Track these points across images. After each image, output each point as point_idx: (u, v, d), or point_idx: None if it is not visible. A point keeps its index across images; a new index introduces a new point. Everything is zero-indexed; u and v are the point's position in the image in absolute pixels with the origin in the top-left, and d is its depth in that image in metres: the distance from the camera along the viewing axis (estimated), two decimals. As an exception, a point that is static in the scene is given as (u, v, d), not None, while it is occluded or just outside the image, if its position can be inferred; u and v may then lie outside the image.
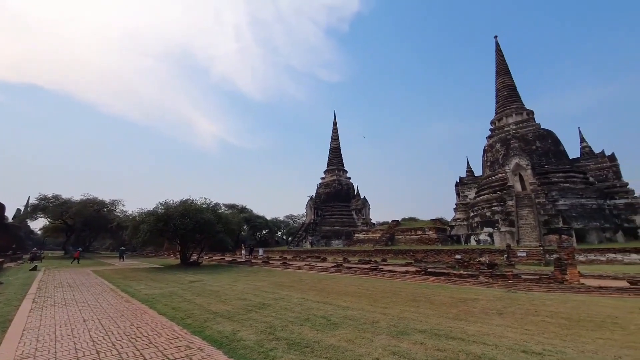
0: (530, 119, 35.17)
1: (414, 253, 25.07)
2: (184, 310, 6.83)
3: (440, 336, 4.58)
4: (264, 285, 11.06)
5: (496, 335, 4.58)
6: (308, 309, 6.67)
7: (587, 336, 4.51)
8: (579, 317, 5.65)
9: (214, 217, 21.67)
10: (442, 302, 7.30)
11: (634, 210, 25.47)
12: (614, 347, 3.97)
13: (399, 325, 5.20)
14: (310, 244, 46.56)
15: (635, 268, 13.52)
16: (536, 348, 3.98)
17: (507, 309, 6.52)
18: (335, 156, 59.83)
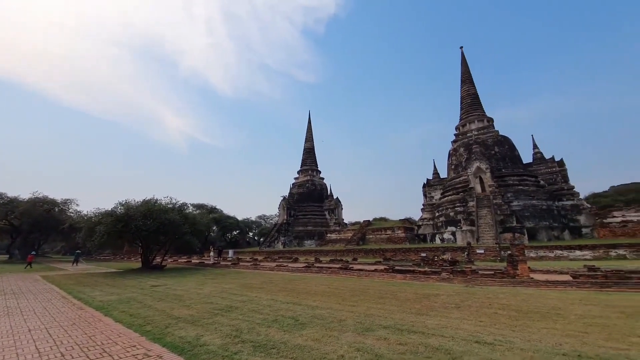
0: (490, 125, 37.79)
1: (383, 252, 25.83)
2: (144, 316, 6.46)
3: (403, 331, 4.77)
4: (233, 287, 10.79)
5: (453, 328, 4.87)
6: (277, 310, 6.62)
7: (533, 326, 4.94)
8: (527, 309, 6.17)
9: (180, 217, 20.70)
10: (406, 298, 7.60)
11: (579, 211, 28.34)
12: (555, 336, 4.38)
13: (365, 322, 5.34)
14: (283, 245, 46.20)
15: (578, 263, 15.02)
16: (488, 338, 4.29)
17: (465, 302, 6.96)
18: (309, 156, 59.91)
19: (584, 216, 27.53)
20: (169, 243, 22.59)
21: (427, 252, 23.01)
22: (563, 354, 3.63)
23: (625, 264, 13.45)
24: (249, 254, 36.98)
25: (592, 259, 17.00)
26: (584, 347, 3.84)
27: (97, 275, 17.56)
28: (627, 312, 5.54)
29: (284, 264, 19.95)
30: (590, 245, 18.28)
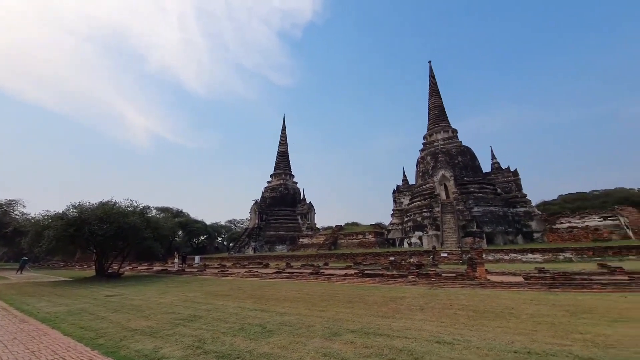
0: (454, 136, 40.18)
1: (354, 256, 26.18)
2: (96, 329, 5.95)
3: (369, 334, 4.86)
4: (197, 295, 10.31)
5: (417, 329, 5.05)
6: (244, 318, 6.43)
7: (488, 325, 5.26)
8: (483, 309, 6.57)
9: (141, 221, 19.43)
10: (374, 302, 7.76)
11: (531, 217, 30.88)
12: (508, 334, 4.69)
13: (333, 327, 5.36)
14: (253, 250, 45.14)
15: (530, 265, 16.30)
16: (448, 338, 4.50)
17: (428, 304, 7.25)
18: (282, 160, 59.47)
19: (535, 222, 30.05)
20: (127, 249, 21.13)
21: (396, 256, 23.71)
22: (514, 351, 3.90)
23: (571, 266, 14.85)
24: (217, 260, 35.61)
25: (543, 261, 18.56)
26: (533, 344, 4.16)
27: (45, 284, 15.90)
28: (571, 311, 6.09)
29: (253, 270, 19.47)
30: (540, 249, 19.97)
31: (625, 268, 11.33)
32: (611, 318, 5.30)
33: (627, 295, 7.28)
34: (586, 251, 18.48)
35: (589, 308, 6.21)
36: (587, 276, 10.01)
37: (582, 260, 17.78)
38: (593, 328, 4.74)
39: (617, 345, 3.86)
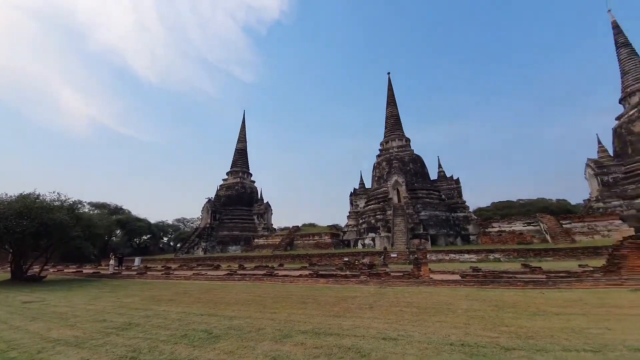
0: (407, 145, 42.88)
1: (310, 257, 26.31)
2: (8, 340, 5.09)
3: (320, 334, 4.88)
4: (135, 301, 9.39)
5: (365, 327, 5.22)
6: (188, 324, 6.00)
7: (429, 320, 5.65)
8: (426, 305, 7.05)
9: (70, 218, 17.09)
10: (327, 302, 7.85)
11: (468, 221, 34.19)
12: (445, 328, 5.09)
13: (284, 329, 5.28)
14: (204, 251, 42.76)
15: (466, 265, 18.00)
16: (393, 334, 4.73)
17: (377, 302, 7.57)
18: (240, 157, 57.42)
19: (472, 226, 33.37)
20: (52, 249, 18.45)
21: (350, 256, 24.39)
22: (450, 343, 4.24)
23: (500, 265, 16.75)
24: (160, 262, 32.95)
25: (477, 261, 20.67)
26: (467, 337, 4.56)
27: None
28: (498, 306, 6.82)
29: (202, 272, 18.41)
30: (475, 250, 22.24)
31: (544, 268, 13.14)
32: (531, 312, 6.07)
33: (544, 291, 8.43)
34: (512, 252, 21.06)
35: (513, 303, 7.03)
36: (512, 275, 11.38)
37: (509, 260, 20.21)
38: (516, 321, 5.38)
39: (535, 336, 4.42)
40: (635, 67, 35.80)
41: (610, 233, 24.77)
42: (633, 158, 32.56)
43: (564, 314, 5.71)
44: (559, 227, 26.79)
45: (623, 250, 9.19)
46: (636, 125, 32.83)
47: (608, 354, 3.55)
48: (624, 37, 38.04)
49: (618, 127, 35.49)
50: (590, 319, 5.28)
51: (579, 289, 8.53)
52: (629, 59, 36.69)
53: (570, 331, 4.57)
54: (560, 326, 4.89)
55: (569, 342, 4.06)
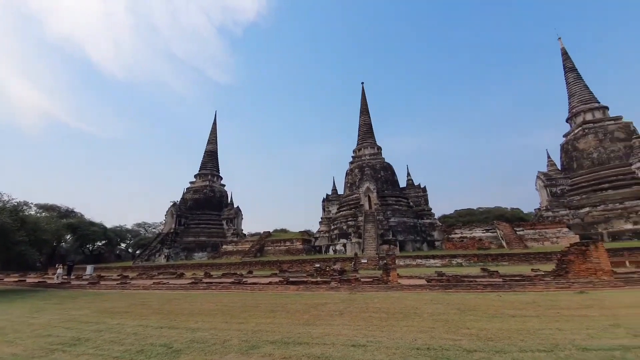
0: (379, 153, 44.18)
1: (280, 264, 25.84)
2: None
3: (289, 344, 4.74)
4: (86, 314, 8.54)
5: (335, 335, 5.17)
6: (145, 338, 5.54)
7: (397, 325, 5.74)
8: (394, 310, 7.17)
9: (13, 221, 15.30)
10: (297, 310, 7.69)
11: (434, 228, 35.76)
12: (412, 332, 5.19)
13: (251, 340, 5.06)
14: (166, 258, 40.35)
15: (432, 269, 18.73)
16: (362, 341, 4.73)
17: (347, 309, 7.56)
18: (210, 160, 55.41)
19: (437, 232, 34.95)
20: (-13, 257, 16.32)
21: (321, 262, 24.32)
22: (417, 348, 4.32)
23: (462, 270, 17.65)
24: (117, 270, 30.54)
25: (441, 266, 21.60)
26: (432, 340, 4.68)
27: None
28: (461, 309, 7.12)
29: (164, 281, 17.30)
30: (439, 255, 23.25)
31: (500, 272, 14.06)
32: (490, 314, 6.40)
33: (501, 294, 8.96)
34: (472, 257, 22.30)
35: (473, 306, 7.39)
36: (473, 279, 12.02)
37: (470, 265, 21.37)
38: (477, 323, 5.63)
39: (494, 338, 4.65)
40: (580, 90, 40.20)
41: (558, 240, 27.22)
42: (577, 172, 36.34)
43: (519, 316, 6.09)
44: (514, 234, 28.92)
45: (570, 256, 10.11)
46: (580, 143, 36.75)
47: (559, 353, 3.82)
48: (571, 63, 42.66)
49: (565, 144, 39.49)
50: (542, 320, 5.68)
51: (532, 292, 9.19)
52: (575, 82, 41.14)
53: (525, 332, 4.87)
54: (516, 327, 5.20)
55: (524, 343, 4.32)
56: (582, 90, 40.03)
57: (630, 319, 5.33)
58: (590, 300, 7.36)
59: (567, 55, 43.39)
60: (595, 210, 31.66)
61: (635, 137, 32.98)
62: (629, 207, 29.54)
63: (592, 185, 33.66)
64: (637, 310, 5.95)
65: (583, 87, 40.25)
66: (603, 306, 6.56)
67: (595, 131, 35.84)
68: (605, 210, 30.96)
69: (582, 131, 36.86)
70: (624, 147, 33.29)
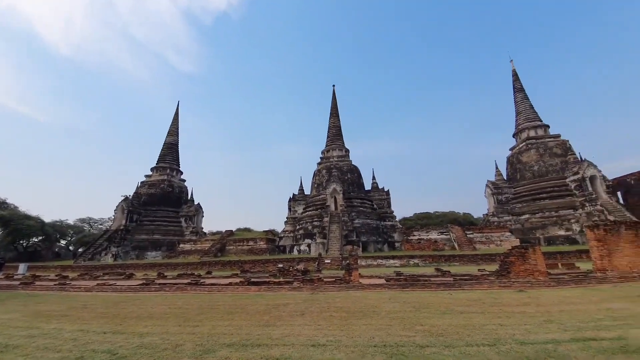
0: (347, 155, 45.06)
1: (242, 264, 25.11)
2: None
3: (247, 346, 4.60)
4: (16, 317, 7.52)
5: (295, 335, 5.13)
6: (86, 344, 5.03)
7: (356, 324, 5.86)
8: (354, 309, 7.33)
9: None
10: (257, 311, 7.51)
11: (395, 229, 37.33)
12: (371, 330, 5.33)
13: (206, 344, 4.82)
14: (114, 257, 37.18)
15: (391, 269, 19.47)
16: (322, 340, 4.75)
17: (309, 309, 7.56)
18: (169, 152, 52.14)
19: (397, 234, 36.55)
20: None
21: (285, 262, 24.09)
22: (374, 345, 4.45)
23: (418, 269, 18.61)
24: (55, 270, 27.40)
25: (400, 266, 22.59)
26: (389, 337, 4.85)
27: None
28: (416, 307, 7.49)
29: (110, 282, 15.88)
30: (399, 256, 24.32)
31: (452, 272, 15.07)
32: (442, 311, 6.82)
33: (452, 292, 9.61)
34: (428, 258, 23.67)
35: (427, 304, 7.82)
36: (427, 278, 12.73)
37: (425, 265, 22.64)
38: (429, 320, 5.97)
39: (444, 334, 4.95)
40: (526, 109, 44.72)
41: (502, 243, 29.97)
42: (520, 182, 40.40)
43: (467, 313, 6.57)
44: (465, 237, 31.28)
45: (511, 257, 11.16)
46: (524, 156, 40.88)
47: (501, 347, 4.18)
48: (520, 84, 47.29)
49: (511, 157, 43.68)
50: (487, 316, 6.19)
51: (478, 290, 9.98)
52: (522, 102, 45.67)
53: (472, 328, 5.27)
54: (464, 323, 5.60)
55: (470, 338, 4.66)
56: (527, 109, 44.60)
57: (561, 315, 6.00)
58: (528, 298, 8.19)
59: (517, 76, 48.04)
60: (534, 217, 35.47)
61: (570, 153, 37.60)
62: (562, 216, 33.55)
63: (532, 194, 37.64)
64: (567, 308, 6.73)
65: (529, 106, 44.87)
66: (539, 304, 7.33)
67: (537, 147, 40.14)
68: (542, 218, 34.82)
69: (526, 146, 41.08)
70: (561, 162, 37.72)
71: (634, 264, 10.43)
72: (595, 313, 6.01)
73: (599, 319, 5.54)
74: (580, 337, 4.48)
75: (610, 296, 7.85)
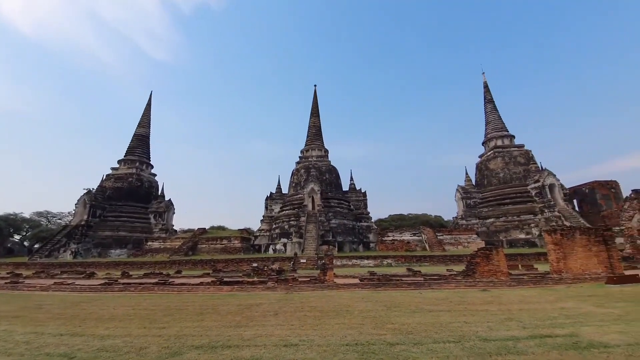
0: (326, 155, 45.28)
1: (214, 263, 24.43)
2: None
3: (216, 348, 4.46)
4: (-48, 321, 6.76)
5: (267, 335, 5.06)
6: (40, 347, 4.64)
7: (329, 323, 5.90)
8: (328, 309, 7.37)
9: None
10: (228, 312, 7.33)
11: (370, 230, 38.06)
12: (343, 329, 5.38)
13: (173, 346, 4.62)
14: (74, 254, 34.77)
15: (365, 269, 19.84)
16: (295, 340, 4.72)
17: (282, 309, 7.50)
18: (140, 145, 49.53)
19: (372, 234, 37.30)
20: None
21: (259, 262, 23.73)
22: (346, 344, 4.50)
23: (391, 269, 19.12)
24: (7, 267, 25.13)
25: (374, 266, 23.08)
26: (360, 336, 4.93)
27: None
28: (387, 305, 7.67)
29: (68, 281, 14.82)
30: (373, 256, 24.85)
31: (423, 272, 15.62)
32: (412, 310, 7.04)
33: (422, 292, 9.96)
34: (400, 258, 24.39)
35: (398, 303, 8.04)
36: (399, 278, 13.11)
37: (398, 265, 23.31)
38: (400, 319, 6.14)
39: (413, 332, 5.11)
40: (495, 119, 47.41)
41: (469, 244, 31.55)
42: (487, 188, 42.77)
43: (435, 311, 6.83)
44: (435, 238, 32.60)
45: (477, 258, 11.77)
46: (491, 164, 43.33)
47: (465, 344, 4.38)
48: (490, 95, 50.04)
49: (479, 164, 46.14)
50: (453, 314, 6.47)
51: (446, 289, 10.43)
52: (491, 112, 48.36)
53: (439, 325, 5.48)
54: (432, 321, 5.82)
55: (437, 335, 4.85)
56: (496, 120, 47.32)
57: (520, 314, 6.41)
58: (491, 297, 8.68)
59: (487, 88, 50.80)
60: (498, 221, 37.70)
61: (532, 163, 40.40)
62: (523, 220, 35.94)
63: (497, 200, 39.99)
64: (526, 307, 7.20)
65: (497, 117, 47.62)
66: (500, 302, 7.79)
67: (503, 155, 42.70)
68: (505, 222, 37.09)
69: (493, 154, 43.58)
70: (524, 170, 40.38)
71: (586, 266, 11.40)
72: (551, 312, 6.48)
73: (554, 317, 5.97)
74: (537, 334, 4.80)
75: (564, 296, 8.51)
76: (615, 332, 4.68)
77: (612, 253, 11.44)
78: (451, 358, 3.80)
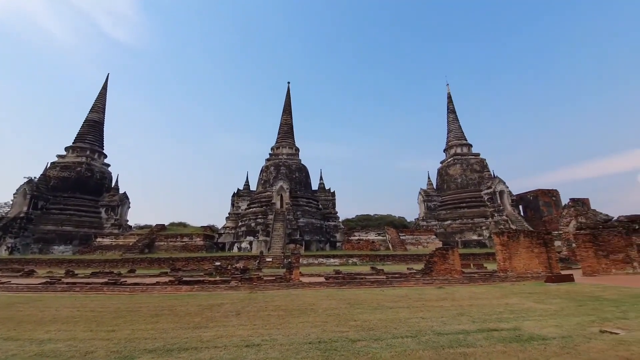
0: (296, 154, 45.07)
1: (173, 261, 23.18)
2: None
3: (172, 351, 4.24)
4: None
5: (229, 336, 4.91)
6: (-42, 357, 4.04)
7: (293, 322, 5.88)
8: (292, 308, 7.35)
9: None
10: (187, 312, 7.00)
11: (337, 230, 38.63)
12: (307, 328, 5.40)
13: (123, 350, 4.29)
14: (10, 250, 30.97)
15: (331, 268, 20.10)
16: (257, 340, 4.64)
17: (245, 308, 7.34)
18: (91, 131, 45.34)
19: (339, 234, 37.92)
20: None
21: (223, 260, 22.98)
22: (309, 342, 4.52)
23: (355, 268, 19.59)
24: None
25: (339, 264, 23.48)
26: (324, 334, 4.98)
27: None
28: (351, 303, 7.85)
29: (3, 280, 13.16)
30: (339, 255, 25.29)
31: (385, 270, 16.22)
32: (373, 307, 7.28)
33: (384, 289, 10.35)
34: (365, 257, 25.11)
35: (361, 300, 8.27)
36: (363, 276, 13.49)
37: (362, 264, 23.96)
38: (362, 315, 6.32)
39: (374, 328, 5.29)
40: (456, 128, 50.70)
41: (428, 244, 33.38)
42: (446, 192, 45.65)
43: (395, 307, 7.14)
44: (398, 238, 34.04)
45: (434, 257, 12.50)
46: (451, 170, 46.28)
47: (421, 338, 4.63)
48: (452, 106, 53.36)
49: (440, 169, 49.09)
50: (411, 310, 6.81)
51: (406, 287, 10.95)
52: (452, 122, 51.63)
53: (398, 321, 5.74)
54: (392, 317, 6.07)
55: (396, 331, 5.07)
56: (457, 129, 50.62)
57: (471, 309, 6.92)
58: (446, 294, 9.27)
59: (450, 99, 54.14)
60: (455, 223, 40.41)
61: (486, 170, 43.88)
62: (476, 223, 38.89)
63: (454, 203, 42.84)
64: (476, 302, 7.79)
65: (458, 126, 50.96)
66: (454, 299, 8.35)
67: (461, 162, 45.82)
68: (461, 224, 39.87)
69: (453, 161, 46.60)
70: (479, 177, 43.67)
71: (529, 266, 12.64)
72: (497, 307, 7.09)
73: (500, 312, 6.54)
74: (485, 327, 5.22)
75: (509, 292, 9.35)
76: (552, 326, 5.23)
77: (551, 255, 12.83)
78: (408, 352, 3.99)
